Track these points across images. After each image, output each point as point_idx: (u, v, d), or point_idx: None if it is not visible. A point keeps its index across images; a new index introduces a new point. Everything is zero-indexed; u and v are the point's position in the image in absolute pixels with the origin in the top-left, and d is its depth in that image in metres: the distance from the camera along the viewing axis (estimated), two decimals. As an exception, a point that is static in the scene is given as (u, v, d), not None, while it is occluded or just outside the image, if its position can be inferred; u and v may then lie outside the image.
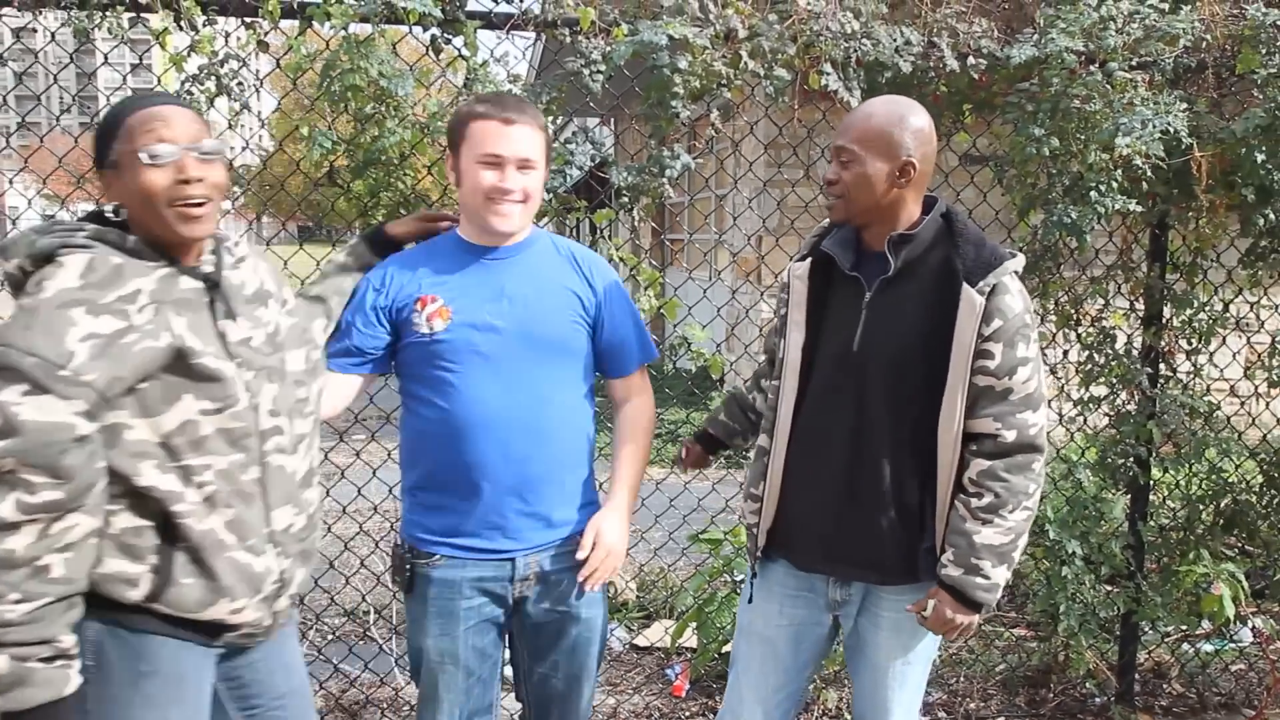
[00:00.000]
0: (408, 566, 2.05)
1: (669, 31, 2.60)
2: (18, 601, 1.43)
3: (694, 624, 3.44)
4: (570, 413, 2.07)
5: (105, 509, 1.52)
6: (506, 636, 2.16)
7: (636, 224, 3.23)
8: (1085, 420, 3.35)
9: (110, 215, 1.69)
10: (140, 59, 2.93)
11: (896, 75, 2.85)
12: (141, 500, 1.55)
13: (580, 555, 2.03)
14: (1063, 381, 3.33)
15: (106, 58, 2.91)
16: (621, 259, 3.03)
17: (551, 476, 2.04)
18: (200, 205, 1.58)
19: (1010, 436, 1.86)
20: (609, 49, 2.68)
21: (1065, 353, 3.32)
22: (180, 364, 1.55)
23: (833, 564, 2.02)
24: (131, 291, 1.54)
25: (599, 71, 2.69)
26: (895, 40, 2.84)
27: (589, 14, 2.71)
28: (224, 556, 1.60)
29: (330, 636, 3.67)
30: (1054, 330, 3.28)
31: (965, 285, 1.84)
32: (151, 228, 1.59)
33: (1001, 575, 1.88)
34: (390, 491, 3.50)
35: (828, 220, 2.07)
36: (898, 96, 2.00)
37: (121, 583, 1.55)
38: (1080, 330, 3.28)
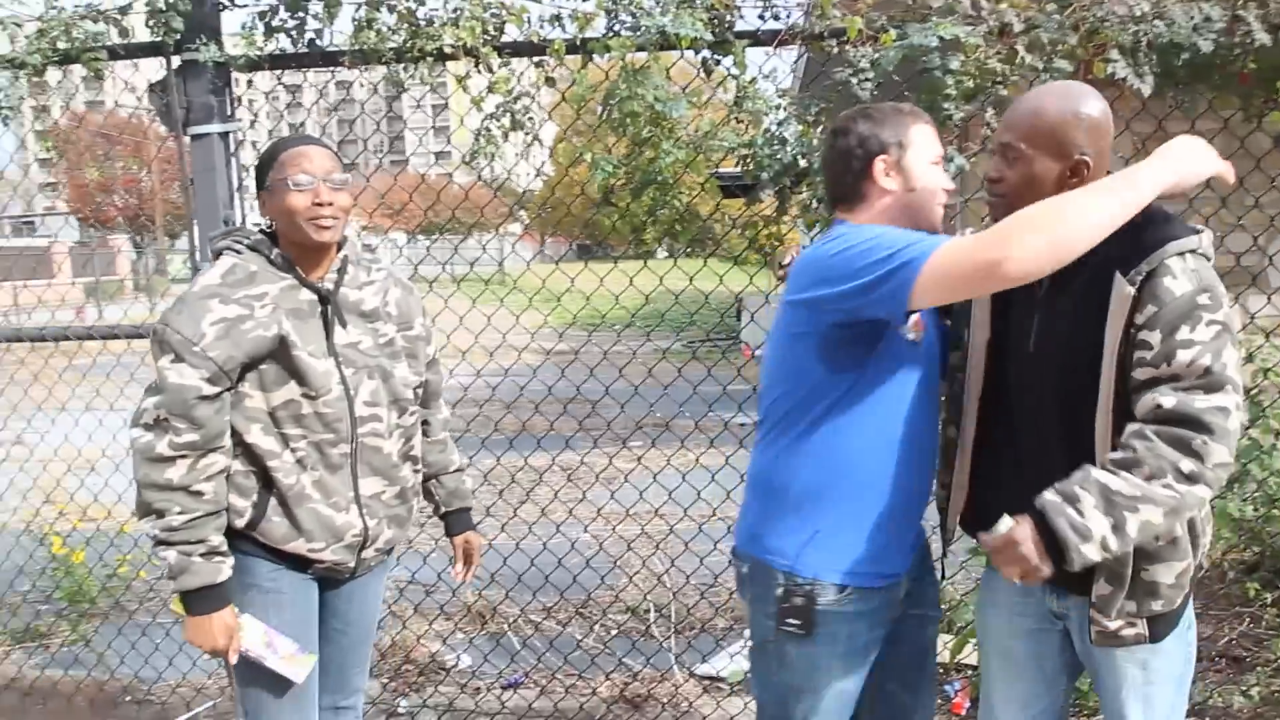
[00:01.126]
0: (813, 606, 1.84)
1: (940, 33, 2.56)
2: (179, 513, 1.94)
3: (974, 640, 3.32)
4: None
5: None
6: None
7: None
8: None
9: (265, 229, 2.14)
10: (446, 102, 3.27)
11: (1195, 55, 2.63)
12: (250, 453, 2.02)
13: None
14: None
15: (419, 102, 3.27)
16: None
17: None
18: (329, 220, 2.02)
19: (1168, 404, 1.60)
20: (877, 55, 2.68)
21: None
22: (285, 353, 1.98)
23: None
24: (259, 293, 2.00)
25: (867, 79, 2.70)
26: (1193, 18, 2.62)
27: (856, 23, 2.72)
28: (307, 507, 2.04)
29: (614, 632, 3.87)
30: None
31: (1116, 274, 1.67)
32: (291, 236, 2.05)
33: (1101, 527, 1.57)
34: (669, 494, 3.64)
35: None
36: (1071, 84, 1.84)
37: (233, 513, 2.03)
38: None
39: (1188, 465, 1.57)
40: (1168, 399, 1.60)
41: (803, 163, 2.82)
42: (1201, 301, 1.63)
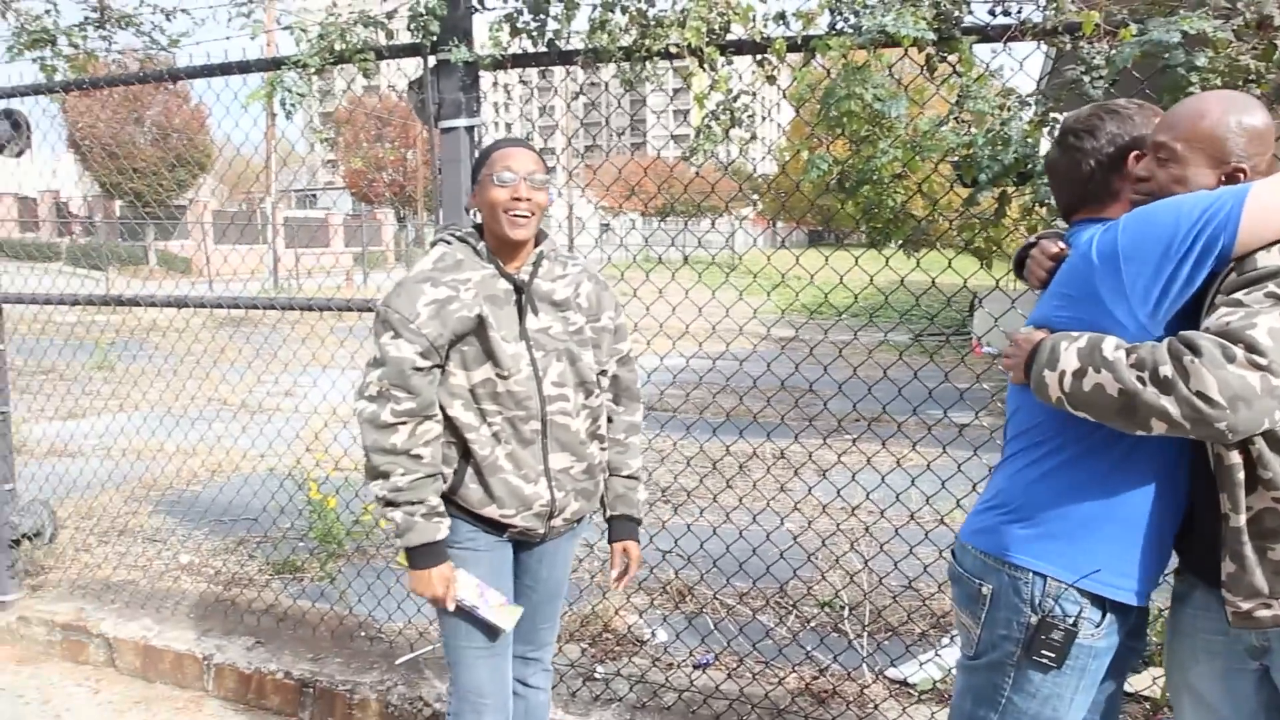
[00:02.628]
0: (1071, 640, 1.79)
1: (1184, 27, 2.40)
2: (403, 474, 2.20)
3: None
4: None
5: None
6: None
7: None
8: None
9: (476, 223, 2.41)
10: (672, 97, 3.39)
11: None
12: (452, 425, 2.27)
13: None
14: None
15: (645, 101, 3.41)
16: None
17: None
18: (525, 216, 2.26)
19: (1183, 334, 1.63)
20: (1113, 52, 2.54)
21: None
22: (483, 334, 2.22)
23: (1202, 570, 1.82)
24: (464, 278, 2.25)
25: (1100, 77, 2.56)
26: None
27: (1094, 18, 2.59)
28: (499, 477, 2.28)
29: (807, 624, 3.90)
30: None
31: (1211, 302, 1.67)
32: (492, 229, 2.30)
33: (1070, 364, 1.70)
34: (868, 494, 3.62)
35: None
36: (1237, 93, 1.79)
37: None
38: None
39: (1166, 371, 1.58)
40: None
41: (1027, 164, 2.72)
42: (1268, 272, 1.61)
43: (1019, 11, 2.76)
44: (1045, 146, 2.87)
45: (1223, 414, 1.53)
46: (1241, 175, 1.73)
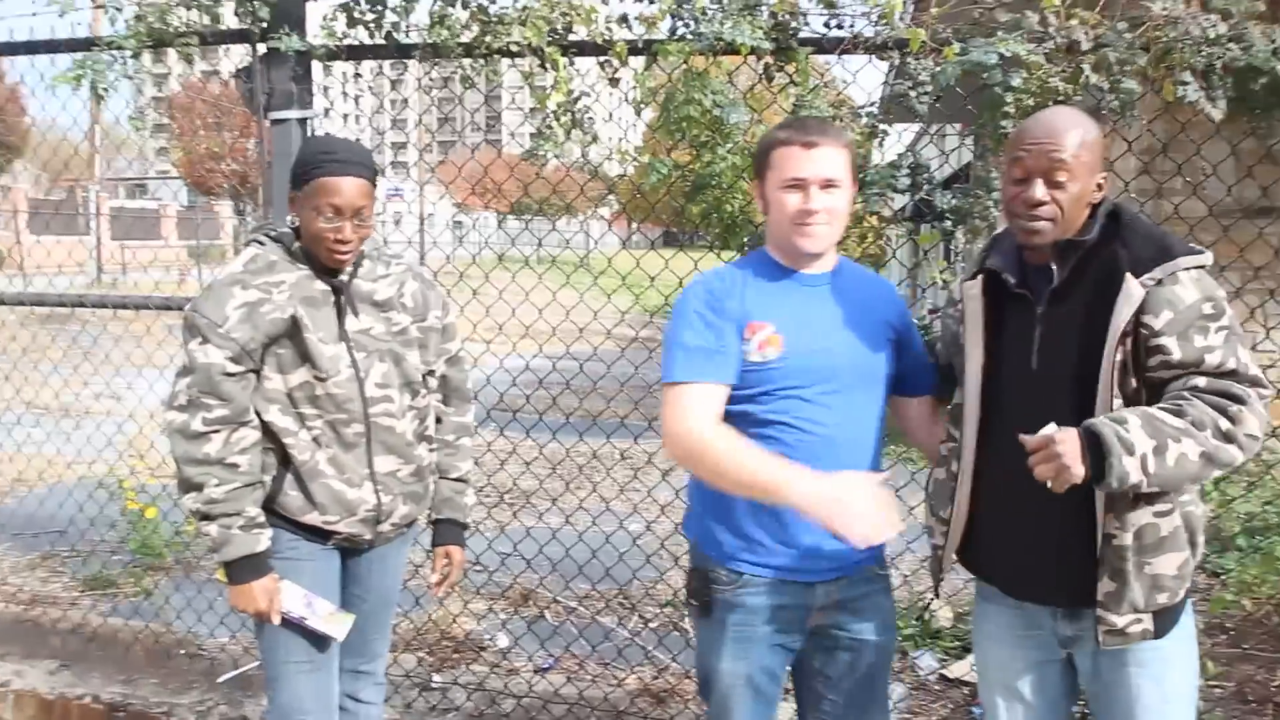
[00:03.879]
0: (707, 589, 2.05)
1: (1000, 49, 2.52)
2: (217, 485, 2.11)
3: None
4: (876, 437, 2.08)
5: None
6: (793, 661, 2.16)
7: (963, 246, 3.14)
8: None
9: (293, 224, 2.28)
10: (513, 98, 3.34)
11: (1274, 80, 2.54)
12: (269, 431, 2.18)
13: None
14: None
15: (486, 97, 3.34)
16: (945, 281, 2.97)
17: None
18: (346, 253, 2.17)
19: (1202, 383, 1.71)
20: (937, 70, 2.65)
21: None
22: (298, 336, 2.14)
23: (1041, 592, 1.90)
24: (278, 280, 2.17)
25: (925, 93, 2.67)
26: (1274, 41, 2.53)
27: (919, 34, 2.70)
28: (320, 482, 2.20)
29: (647, 625, 3.92)
30: None
31: (1128, 275, 1.73)
32: (309, 247, 2.20)
33: (1144, 445, 1.61)
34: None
35: (995, 234, 1.99)
36: (1071, 108, 1.93)
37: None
38: None
39: (1225, 424, 1.66)
40: (1202, 380, 1.70)
41: (859, 173, 2.82)
42: (1206, 310, 1.73)
43: (852, 25, 2.84)
44: (877, 157, 2.98)
45: (1257, 445, 1.71)
46: (1105, 181, 1.84)
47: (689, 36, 2.76)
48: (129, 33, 3.21)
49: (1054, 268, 1.83)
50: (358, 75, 3.54)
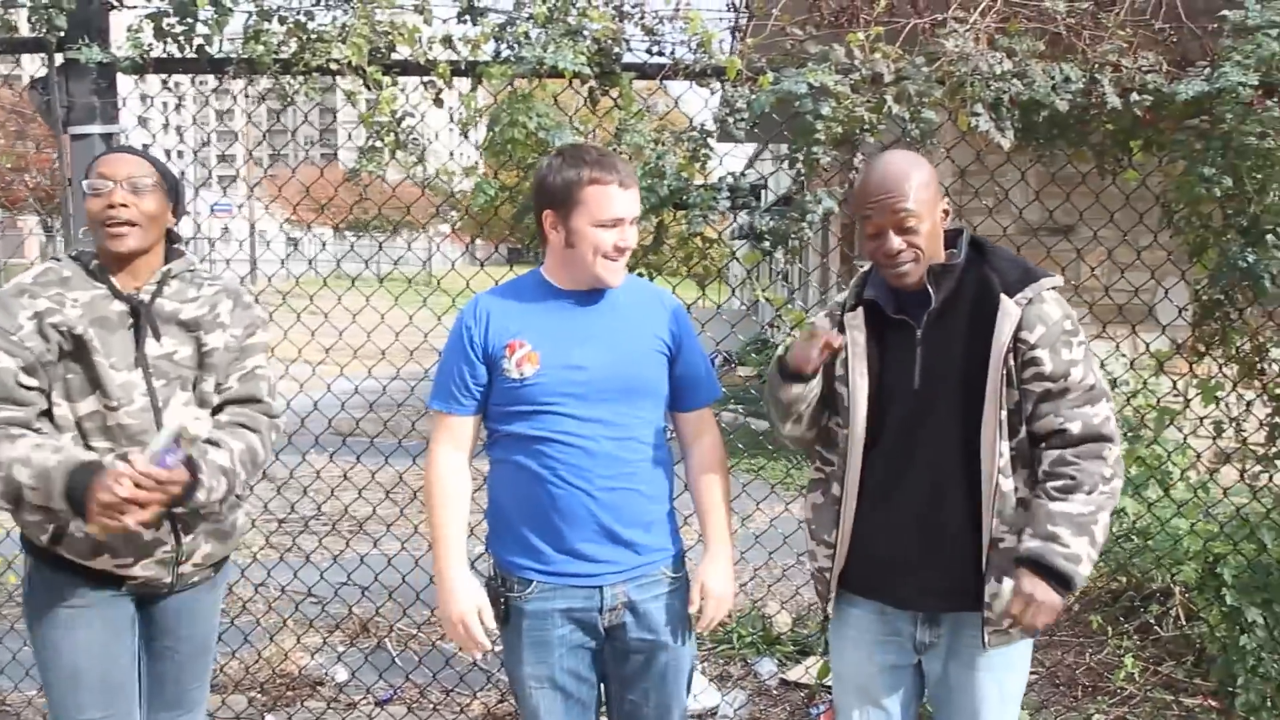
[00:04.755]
0: (502, 599, 2.13)
1: (809, 79, 2.65)
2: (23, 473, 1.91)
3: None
4: (653, 447, 2.15)
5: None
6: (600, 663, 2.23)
7: (784, 264, 3.27)
8: (1271, 479, 3.10)
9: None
10: (335, 116, 3.26)
11: (1054, 114, 2.77)
12: None
13: (691, 610, 2.16)
14: (1246, 436, 3.10)
15: (306, 116, 3.26)
16: (768, 299, 3.09)
17: (635, 508, 2.12)
18: (124, 225, 2.03)
19: (1075, 428, 1.90)
20: (753, 97, 2.76)
21: (1249, 405, 3.09)
22: (86, 359, 2.00)
23: (922, 597, 2.03)
24: (73, 296, 2.03)
25: (742, 119, 2.78)
26: (1053, 78, 2.76)
27: (735, 63, 2.81)
28: None
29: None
30: (1233, 380, 3.06)
31: (1003, 296, 1.92)
32: (98, 243, 2.09)
33: (1082, 547, 1.86)
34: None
35: (865, 268, 2.11)
36: (901, 150, 2.08)
37: (36, 528, 2.03)
38: (1266, 381, 3.05)
39: (1107, 471, 1.90)
40: (1072, 422, 1.90)
41: (682, 195, 2.90)
42: (1068, 326, 1.93)
43: (673, 52, 2.93)
44: (699, 180, 3.07)
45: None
46: (948, 210, 1.99)
47: (512, 60, 2.78)
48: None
49: (930, 292, 1.95)
50: (167, 85, 3.36)
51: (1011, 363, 1.90)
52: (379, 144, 3.00)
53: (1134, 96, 2.74)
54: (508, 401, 2.09)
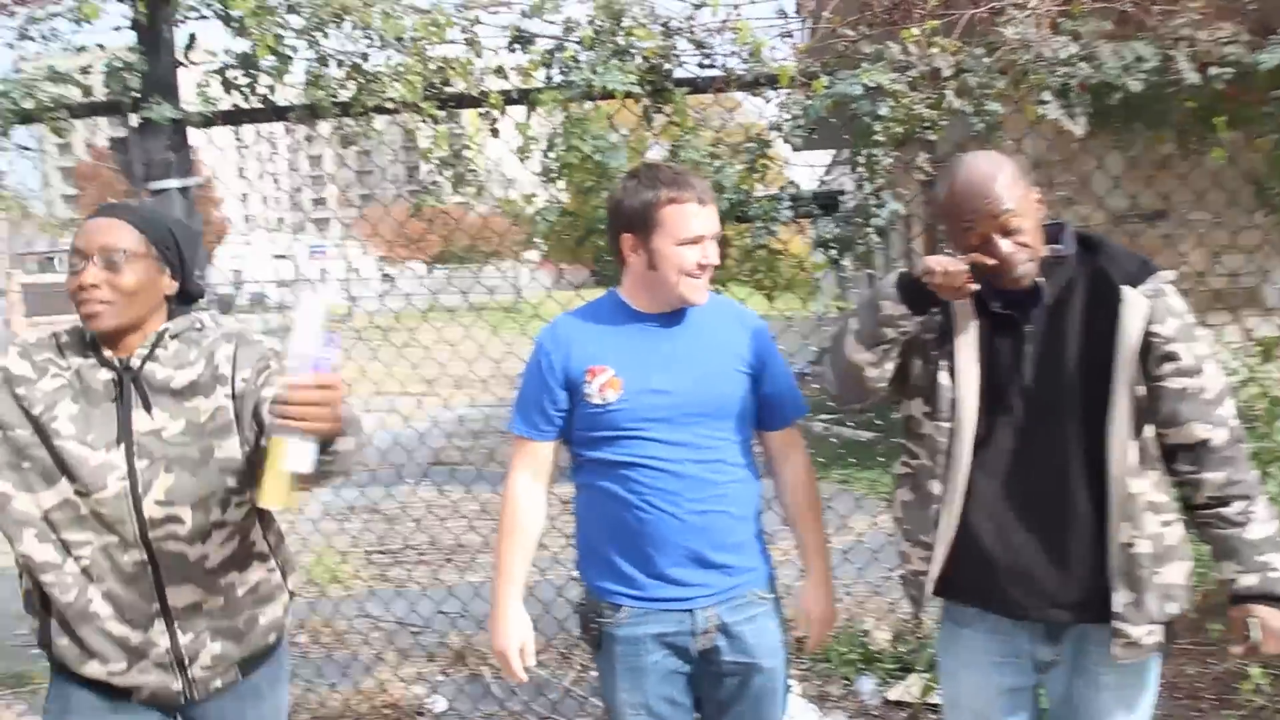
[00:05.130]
0: (593, 625, 2.12)
1: (863, 80, 2.58)
2: None
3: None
4: (740, 468, 2.11)
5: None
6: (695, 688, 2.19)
7: (852, 271, 3.19)
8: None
9: None
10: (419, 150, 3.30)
11: (1128, 96, 2.64)
12: (27, 565, 1.77)
13: (795, 634, 2.13)
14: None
15: (377, 161, 3.32)
16: (840, 309, 3.01)
17: (724, 530, 2.08)
18: (97, 305, 1.74)
19: (1220, 437, 1.80)
20: (807, 103, 2.70)
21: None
22: (47, 441, 1.74)
23: (1042, 608, 1.88)
24: (63, 364, 1.80)
25: (798, 126, 2.72)
26: (1124, 58, 2.63)
27: (788, 70, 2.75)
28: (93, 625, 1.77)
29: (579, 675, 3.87)
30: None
31: (1125, 288, 1.79)
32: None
33: None
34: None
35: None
36: (976, 153, 1.92)
37: (29, 631, 1.82)
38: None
39: (1254, 474, 1.84)
40: (1217, 430, 1.80)
41: (743, 209, 2.86)
42: (1189, 320, 1.83)
43: (725, 64, 2.89)
44: (760, 191, 3.02)
45: None
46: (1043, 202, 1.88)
47: (562, 84, 2.78)
48: (-11, 110, 3.13)
49: (1041, 286, 1.84)
50: (261, 135, 3.47)
51: (1140, 358, 1.78)
52: (440, 178, 3.04)
53: (1213, 71, 2.59)
54: (591, 427, 2.07)
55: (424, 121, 2.99)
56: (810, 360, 2.24)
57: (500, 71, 2.98)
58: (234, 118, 3.19)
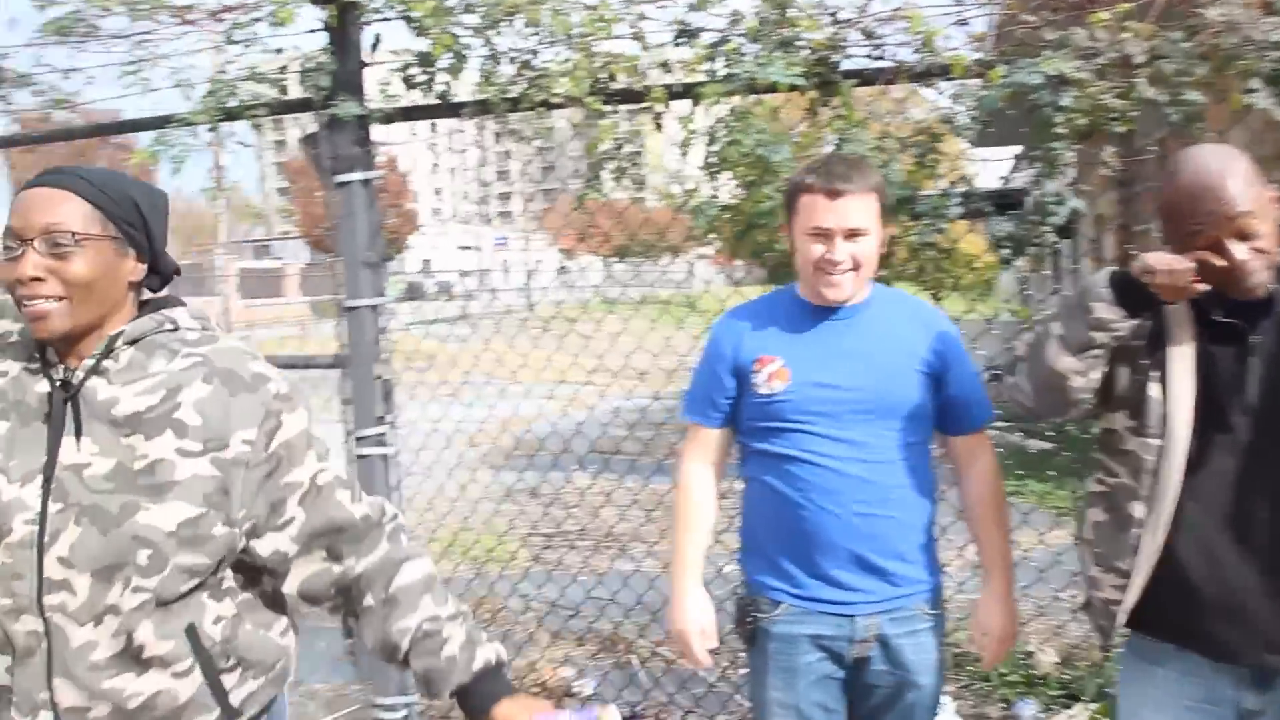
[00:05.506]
0: (750, 619, 2.10)
1: (1045, 70, 2.42)
2: None
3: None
4: (911, 471, 2.02)
5: None
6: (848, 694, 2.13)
7: (1027, 272, 3.01)
8: None
9: None
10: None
11: (1354, 83, 2.37)
12: None
13: (972, 649, 2.02)
14: None
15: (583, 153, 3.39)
16: (1013, 312, 2.86)
17: (890, 536, 2.00)
18: (42, 303, 1.34)
19: None
20: (983, 94, 2.57)
21: None
22: None
23: (1257, 650, 1.69)
24: (2, 368, 1.43)
25: (973, 118, 2.59)
26: (1352, 40, 2.36)
27: (963, 60, 2.62)
28: None
29: (723, 670, 3.85)
30: None
31: None
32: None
33: None
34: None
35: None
36: (1203, 146, 1.71)
37: None
38: None
39: None
40: None
41: (910, 205, 2.75)
42: None
43: (895, 55, 2.78)
44: (930, 189, 2.90)
45: None
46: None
47: (726, 78, 2.75)
48: (199, 109, 3.39)
49: (1275, 294, 1.67)
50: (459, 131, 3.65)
51: None
52: (604, 172, 3.07)
53: None
54: (757, 417, 2.06)
55: (592, 117, 3.03)
56: (986, 366, 2.09)
57: (665, 66, 2.98)
58: (412, 114, 3.33)
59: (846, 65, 2.81)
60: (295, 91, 3.44)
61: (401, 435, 3.34)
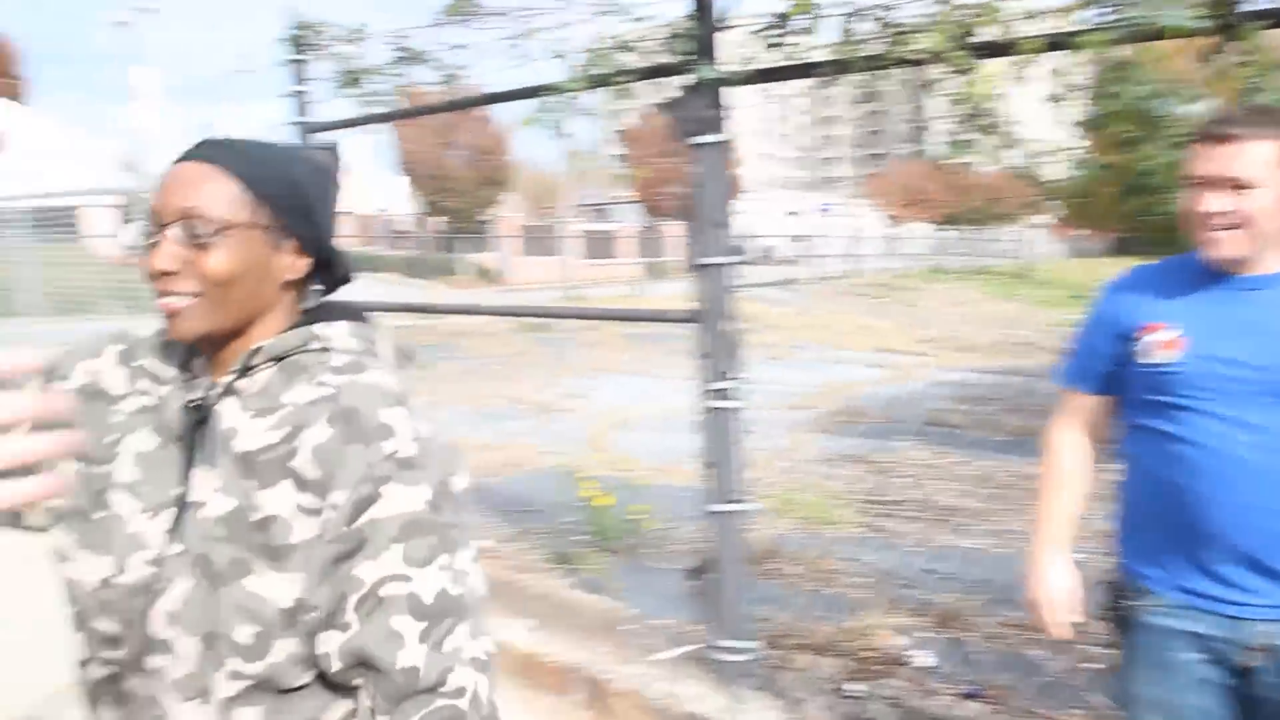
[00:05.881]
0: (1121, 607, 2.00)
1: None
2: None
3: None
4: None
5: None
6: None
7: None
8: None
9: None
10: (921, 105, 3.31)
11: None
12: None
13: None
14: None
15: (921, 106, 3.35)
16: None
17: None
18: (178, 299, 1.12)
19: None
20: None
21: None
22: (100, 491, 1.15)
23: None
24: (148, 376, 1.21)
25: None
26: None
27: None
28: None
29: (1077, 664, 3.66)
30: None
31: None
32: None
33: None
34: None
35: None
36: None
37: None
38: None
39: None
40: None
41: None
42: None
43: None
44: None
45: None
46: None
47: (1106, 25, 2.56)
48: (573, 78, 3.69)
49: None
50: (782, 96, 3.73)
51: None
52: (968, 133, 2.98)
53: None
54: (1142, 389, 1.93)
55: (949, 74, 2.94)
56: None
57: (1032, 15, 2.82)
58: (767, 76, 3.40)
59: (1247, 5, 2.51)
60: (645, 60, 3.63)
61: (743, 392, 3.47)
